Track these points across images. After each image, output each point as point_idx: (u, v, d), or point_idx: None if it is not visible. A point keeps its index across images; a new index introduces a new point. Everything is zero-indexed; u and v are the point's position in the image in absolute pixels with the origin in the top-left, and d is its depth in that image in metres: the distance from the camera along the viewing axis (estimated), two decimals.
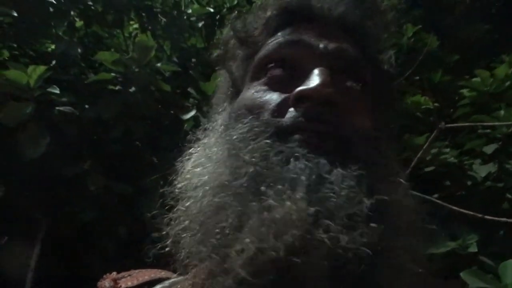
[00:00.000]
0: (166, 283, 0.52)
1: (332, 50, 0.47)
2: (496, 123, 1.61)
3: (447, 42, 2.75)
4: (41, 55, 1.94)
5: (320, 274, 0.35)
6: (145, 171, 1.61)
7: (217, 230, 0.38)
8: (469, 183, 1.74)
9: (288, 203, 0.36)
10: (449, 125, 1.41)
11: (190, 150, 0.51)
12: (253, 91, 0.48)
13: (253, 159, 0.40)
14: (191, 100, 1.79)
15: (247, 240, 0.36)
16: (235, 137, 0.44)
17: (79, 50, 1.80)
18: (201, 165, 0.46)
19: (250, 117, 0.45)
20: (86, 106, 1.61)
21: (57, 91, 1.44)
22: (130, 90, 1.56)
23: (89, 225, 1.62)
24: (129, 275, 0.54)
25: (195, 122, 1.59)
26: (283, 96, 0.45)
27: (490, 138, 1.77)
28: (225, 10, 2.28)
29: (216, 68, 0.63)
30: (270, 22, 0.52)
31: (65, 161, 1.52)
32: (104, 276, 0.55)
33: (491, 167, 1.66)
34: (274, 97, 0.46)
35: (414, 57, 2.09)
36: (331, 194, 0.37)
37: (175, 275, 0.52)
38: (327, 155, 0.40)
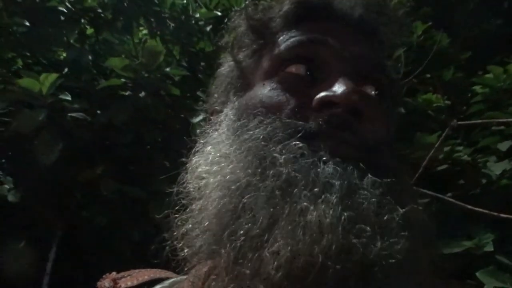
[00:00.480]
0: (166, 283, 0.51)
1: (356, 55, 0.46)
2: (510, 120, 1.58)
3: (458, 39, 2.72)
4: (54, 63, 1.98)
5: (352, 280, 0.34)
6: (156, 175, 1.63)
7: (241, 232, 0.37)
8: (483, 181, 1.71)
9: (322, 206, 0.35)
10: (461, 122, 1.39)
11: (200, 146, 0.49)
12: (269, 88, 0.46)
13: (282, 161, 0.39)
14: (200, 103, 1.80)
15: (281, 242, 0.35)
16: (257, 136, 0.42)
17: (90, 57, 1.83)
18: (216, 164, 0.44)
19: (272, 116, 0.43)
20: (98, 112, 1.64)
21: (68, 97, 1.46)
22: (140, 95, 1.58)
23: (103, 229, 1.65)
24: (129, 275, 0.53)
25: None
26: (303, 97, 0.44)
27: (505, 135, 1.73)
28: (232, 13, 2.29)
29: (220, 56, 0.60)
30: (289, 15, 0.49)
31: (78, 167, 1.55)
32: (104, 276, 0.55)
33: (506, 165, 1.62)
34: (293, 98, 0.44)
35: (425, 55, 2.07)
36: (363, 200, 0.36)
37: (175, 274, 0.52)
38: (355, 162, 0.39)
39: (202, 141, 0.49)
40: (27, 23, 1.73)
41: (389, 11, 0.53)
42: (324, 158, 0.38)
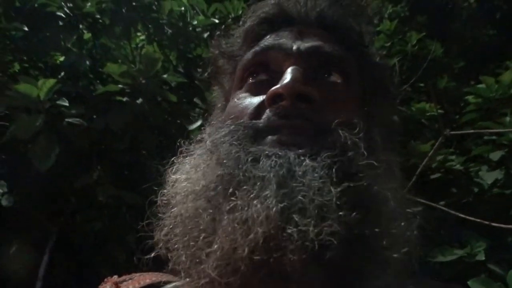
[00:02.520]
0: (168, 286, 0.52)
1: (306, 49, 0.48)
2: (502, 130, 1.60)
3: (452, 48, 2.75)
4: (51, 67, 1.98)
5: (296, 268, 0.35)
6: (153, 181, 1.63)
7: (195, 234, 0.40)
8: (476, 190, 1.73)
9: (255, 202, 0.37)
10: (454, 132, 1.42)
11: (179, 160, 0.51)
12: (235, 99, 0.50)
13: (224, 161, 0.41)
14: (197, 110, 1.82)
15: (218, 241, 0.37)
16: (210, 142, 0.45)
17: (88, 62, 1.83)
18: (186, 172, 0.47)
19: (228, 122, 0.46)
20: (95, 117, 1.64)
21: (66, 103, 1.47)
22: (138, 101, 1.59)
23: (98, 235, 1.64)
24: (130, 279, 0.54)
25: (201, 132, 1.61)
26: (262, 100, 0.46)
27: (497, 144, 1.76)
28: (230, 20, 2.31)
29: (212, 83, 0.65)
30: (249, 34, 0.54)
31: (75, 172, 1.55)
32: (105, 279, 0.55)
33: (498, 174, 1.65)
34: (254, 101, 0.47)
35: (419, 64, 2.10)
36: (300, 187, 0.37)
37: (176, 278, 0.53)
38: (298, 149, 0.40)
39: (183, 156, 0.51)
40: (26, 28, 1.73)
41: (351, 2, 0.55)
42: (266, 152, 0.40)
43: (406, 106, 2.17)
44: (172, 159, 0.52)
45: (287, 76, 0.44)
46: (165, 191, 0.49)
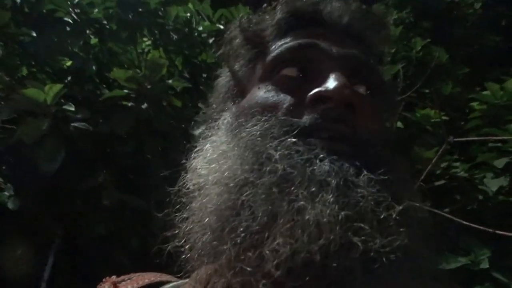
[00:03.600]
0: (167, 286, 0.52)
1: (344, 55, 0.48)
2: (507, 137, 1.60)
3: (457, 55, 2.75)
4: (58, 72, 2.00)
5: (353, 277, 0.35)
6: (157, 185, 1.64)
7: (241, 229, 0.38)
8: (480, 197, 1.73)
9: (319, 205, 0.36)
10: (458, 138, 1.41)
11: (199, 147, 0.50)
12: (264, 90, 0.48)
13: (279, 157, 0.40)
14: (201, 114, 1.82)
15: (280, 240, 0.36)
16: (254, 133, 0.43)
17: (94, 67, 1.85)
18: (215, 161, 0.45)
19: (268, 114, 0.44)
20: (100, 121, 1.66)
21: (72, 108, 1.49)
22: (143, 106, 1.61)
23: (103, 238, 1.65)
24: (129, 278, 0.54)
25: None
26: (296, 97, 0.45)
27: (502, 151, 1.75)
28: (228, 25, 2.33)
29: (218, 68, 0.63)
30: (280, 24, 0.52)
31: (80, 175, 1.56)
32: (104, 279, 0.55)
33: (503, 181, 1.64)
34: (287, 98, 0.46)
35: (423, 70, 2.10)
36: (360, 198, 0.37)
37: (175, 278, 0.52)
38: (349, 158, 0.40)
39: (202, 143, 0.50)
40: (34, 33, 1.76)
41: (375, 18, 0.55)
42: (321, 155, 0.39)
43: (411, 112, 2.17)
44: (191, 145, 0.50)
45: (334, 80, 0.43)
46: (188, 180, 0.47)
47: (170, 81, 1.72)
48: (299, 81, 0.47)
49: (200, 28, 2.27)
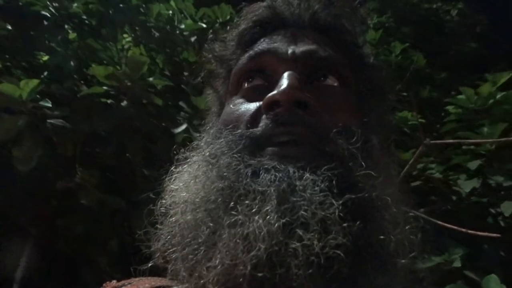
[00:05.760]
0: None
1: (300, 54, 0.48)
2: (480, 140, 1.65)
3: (435, 60, 2.82)
4: (35, 67, 1.95)
5: (302, 283, 0.34)
6: (137, 185, 1.62)
7: (195, 247, 0.39)
8: (454, 198, 1.78)
9: (256, 217, 0.36)
10: (434, 141, 1.45)
11: (177, 168, 0.51)
12: (231, 105, 0.49)
13: (224, 174, 0.41)
14: (182, 114, 1.81)
15: (218, 256, 0.36)
16: (209, 153, 0.44)
17: (72, 63, 1.81)
18: (184, 182, 0.46)
19: (226, 131, 0.45)
20: (79, 119, 1.62)
21: (49, 104, 1.45)
22: (123, 104, 1.58)
23: (80, 238, 1.62)
24: (129, 283, 0.53)
25: (186, 136, 1.61)
26: (258, 106, 0.46)
27: (475, 154, 1.81)
28: (217, 25, 2.33)
29: (205, 87, 0.64)
30: (243, 37, 0.53)
31: (57, 174, 1.53)
32: (104, 284, 0.55)
33: (475, 183, 1.69)
34: (250, 108, 0.46)
35: (402, 74, 2.15)
36: (302, 202, 0.37)
37: (175, 283, 0.53)
38: (298, 161, 0.40)
39: (181, 164, 0.51)
40: (9, 27, 1.70)
41: (342, 3, 0.55)
42: (266, 166, 0.40)
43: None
44: (171, 168, 0.51)
45: (283, 82, 0.44)
46: (163, 200, 0.48)
47: (151, 79, 1.70)
48: (262, 89, 0.47)
49: (182, 26, 2.25)
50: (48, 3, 1.86)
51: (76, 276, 1.60)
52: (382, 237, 0.39)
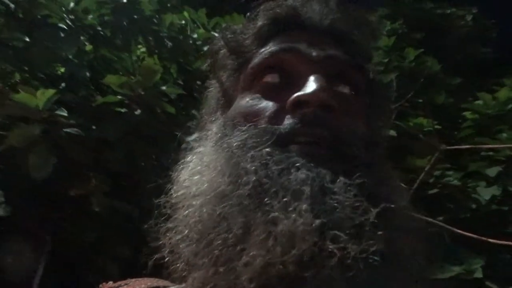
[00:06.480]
0: None
1: (324, 57, 0.48)
2: (497, 146, 1.61)
3: (449, 65, 2.78)
4: (52, 78, 1.99)
5: (333, 285, 0.34)
6: (149, 192, 1.62)
7: (219, 241, 0.38)
8: (473, 206, 1.73)
9: (293, 215, 0.36)
10: (449, 147, 1.42)
11: (186, 159, 0.50)
12: (247, 99, 0.48)
13: (254, 168, 0.40)
14: (195, 121, 1.82)
15: (254, 253, 0.35)
16: (234, 144, 0.43)
17: (88, 73, 1.85)
18: (198, 173, 0.45)
19: (248, 124, 0.44)
20: (93, 127, 1.64)
21: (64, 113, 1.48)
22: (136, 112, 1.60)
23: (93, 245, 1.63)
24: (126, 284, 0.53)
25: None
26: (278, 103, 0.46)
27: (494, 160, 1.77)
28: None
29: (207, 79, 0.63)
30: (261, 32, 0.53)
31: (70, 181, 1.55)
32: (100, 285, 0.55)
33: (495, 190, 1.65)
34: (269, 105, 0.46)
35: (416, 80, 2.12)
36: (336, 205, 0.36)
37: (172, 283, 0.52)
38: (327, 163, 0.39)
39: (189, 154, 0.50)
40: (27, 39, 1.75)
41: (358, 15, 0.55)
42: (297, 164, 0.39)
43: (404, 121, 2.19)
44: (178, 156, 0.50)
45: (313, 84, 0.44)
46: (172, 190, 0.47)
47: (163, 88, 1.71)
48: (281, 87, 0.47)
49: (195, 36, 2.28)
50: (64, 15, 1.90)
51: (88, 282, 1.60)
52: (405, 248, 0.39)
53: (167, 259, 0.45)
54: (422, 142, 2.08)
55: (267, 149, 0.41)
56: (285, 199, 0.37)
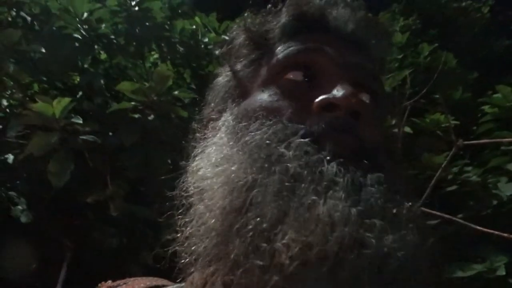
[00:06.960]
0: None
1: (350, 63, 0.48)
2: None
3: (465, 60, 2.72)
4: (69, 87, 2.05)
5: (366, 272, 0.34)
6: (166, 196, 1.64)
7: (250, 226, 0.37)
8: (494, 202, 1.68)
9: (331, 200, 0.36)
10: (467, 142, 1.39)
11: (200, 149, 0.49)
12: (269, 93, 0.48)
13: (289, 157, 0.40)
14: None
15: (293, 235, 0.35)
16: (260, 136, 0.43)
17: (103, 81, 1.89)
18: (219, 165, 0.44)
19: (274, 119, 0.44)
20: (109, 134, 1.68)
21: (80, 121, 1.51)
22: (150, 117, 1.62)
23: (114, 251, 1.66)
24: (125, 283, 0.53)
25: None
26: (302, 102, 0.45)
27: None
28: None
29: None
30: (286, 27, 0.52)
31: (89, 188, 1.58)
32: (99, 284, 0.55)
33: None
34: (293, 102, 0.46)
35: (432, 75, 2.08)
36: (370, 196, 0.37)
37: (171, 283, 0.51)
38: (355, 163, 0.40)
39: (202, 145, 0.50)
40: (44, 50, 1.80)
41: (379, 27, 0.55)
42: (328, 157, 0.39)
43: (420, 117, 2.15)
44: (188, 145, 0.50)
45: (342, 88, 0.43)
46: (188, 180, 0.47)
47: (176, 92, 1.73)
48: (304, 86, 0.47)
49: (206, 40, 2.30)
50: (78, 25, 1.95)
51: None
52: (419, 247, 0.39)
53: (182, 253, 0.44)
54: (439, 138, 2.04)
55: (301, 139, 0.41)
56: (322, 185, 0.37)
